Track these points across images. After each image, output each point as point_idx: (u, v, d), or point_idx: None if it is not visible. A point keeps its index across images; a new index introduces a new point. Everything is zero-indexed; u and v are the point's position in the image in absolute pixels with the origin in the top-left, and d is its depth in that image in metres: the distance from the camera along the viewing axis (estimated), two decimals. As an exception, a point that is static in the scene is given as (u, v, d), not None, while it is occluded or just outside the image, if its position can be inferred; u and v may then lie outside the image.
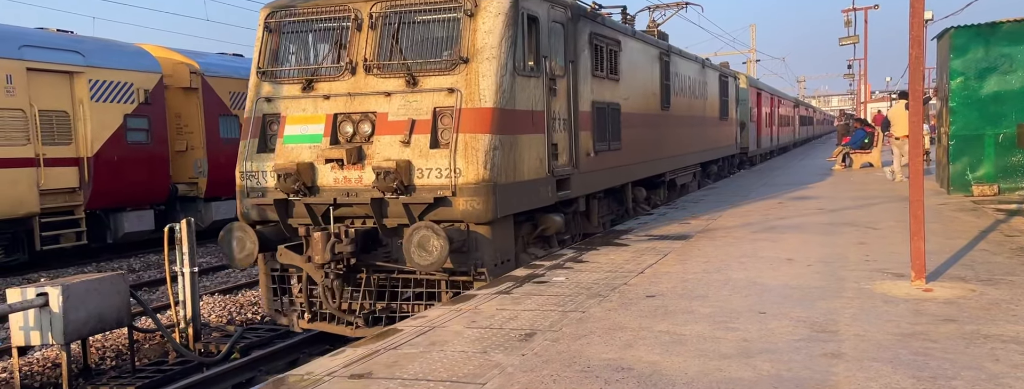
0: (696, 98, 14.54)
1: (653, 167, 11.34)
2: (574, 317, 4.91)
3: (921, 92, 5.85)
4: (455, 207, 6.24)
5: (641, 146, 10.52)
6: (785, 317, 4.69)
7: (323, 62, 6.94)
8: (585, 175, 8.18)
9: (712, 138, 16.20)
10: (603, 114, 8.77)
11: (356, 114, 6.59)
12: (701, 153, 15.14)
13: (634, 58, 10.24)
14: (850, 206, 10.73)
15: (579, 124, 7.94)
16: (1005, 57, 11.03)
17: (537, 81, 7.02)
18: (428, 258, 5.93)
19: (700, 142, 14.88)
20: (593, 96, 8.43)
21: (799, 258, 6.72)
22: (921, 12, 5.42)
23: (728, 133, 18.23)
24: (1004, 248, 6.79)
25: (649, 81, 11.05)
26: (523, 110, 6.74)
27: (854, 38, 35.19)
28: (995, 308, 4.72)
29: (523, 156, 6.72)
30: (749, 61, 49.73)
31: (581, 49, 8.10)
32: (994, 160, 11.26)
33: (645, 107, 10.76)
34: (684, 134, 13.35)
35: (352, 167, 6.49)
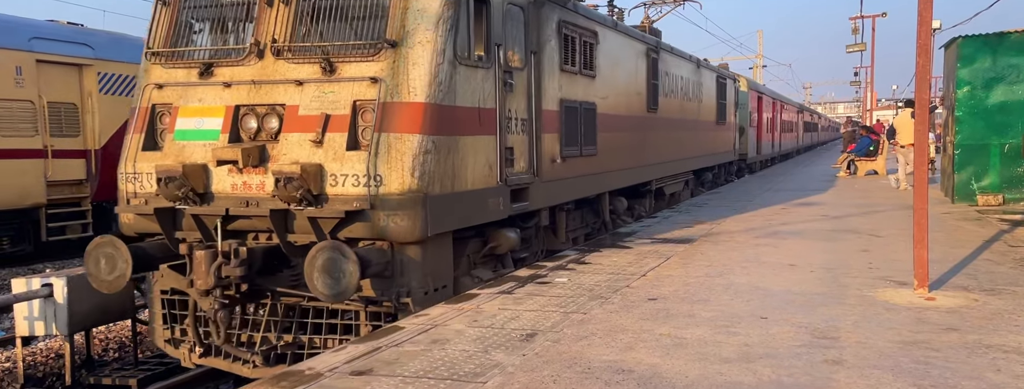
0: (689, 100, 13.49)
1: (636, 175, 10.32)
2: (576, 318, 4.92)
3: (927, 101, 5.86)
4: (374, 223, 5.19)
5: (622, 151, 9.54)
6: (787, 323, 4.69)
7: (225, 43, 5.86)
8: (549, 184, 7.18)
9: (707, 143, 15.13)
10: (574, 114, 7.77)
11: (262, 106, 5.53)
12: (694, 160, 14.06)
13: (615, 53, 9.22)
14: (854, 213, 10.72)
15: (543, 125, 6.95)
16: (1012, 67, 11.02)
17: (487, 73, 6.00)
18: (334, 287, 4.85)
19: (693, 148, 13.82)
20: (561, 93, 7.43)
21: (802, 264, 6.73)
22: (929, 21, 5.43)
23: (725, 138, 17.13)
24: (1008, 258, 6.79)
25: (633, 79, 10.02)
26: (467, 107, 5.72)
27: (861, 45, 35.16)
28: (998, 318, 4.72)
29: (466, 162, 5.72)
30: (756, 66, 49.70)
31: (547, 38, 7.10)
32: (999, 170, 11.24)
33: (628, 108, 9.79)
34: (674, 139, 12.32)
35: (253, 171, 5.42)
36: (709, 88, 15.23)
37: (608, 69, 8.95)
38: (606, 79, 8.87)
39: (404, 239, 5.26)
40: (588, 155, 8.19)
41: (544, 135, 7.03)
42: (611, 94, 9.04)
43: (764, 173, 21.96)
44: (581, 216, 9.00)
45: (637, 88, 10.22)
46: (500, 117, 6.20)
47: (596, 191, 8.81)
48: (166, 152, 5.67)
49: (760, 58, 50.19)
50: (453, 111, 5.58)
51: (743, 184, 17.67)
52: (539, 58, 6.93)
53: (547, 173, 7.11)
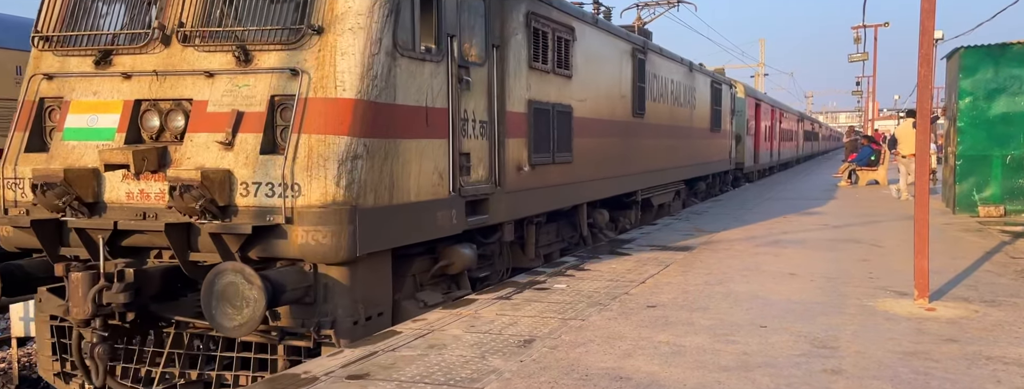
0: (680, 105, 12.67)
1: (620, 184, 9.55)
2: (574, 325, 4.90)
3: (929, 111, 5.85)
4: (291, 240, 4.45)
5: (603, 159, 8.78)
6: (786, 331, 4.67)
7: (126, 27, 5.06)
8: (514, 195, 6.46)
9: (700, 152, 14.33)
10: (545, 117, 7.06)
11: (166, 101, 4.80)
12: (685, 168, 13.21)
13: (595, 51, 8.45)
14: (854, 223, 10.70)
15: (507, 129, 6.26)
16: (1015, 78, 11.02)
17: (437, 68, 5.27)
18: (233, 318, 4.17)
19: (685, 156, 13.03)
20: (530, 94, 6.72)
21: (802, 273, 6.70)
22: (931, 31, 5.42)
23: (720, 147, 16.29)
24: (1009, 270, 6.76)
25: (616, 82, 9.28)
26: (410, 105, 4.99)
27: (863, 55, 35.22)
28: (998, 329, 4.69)
29: (408, 169, 4.99)
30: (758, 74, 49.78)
31: (512, 32, 6.39)
32: (1001, 181, 11.22)
33: (610, 112, 9.06)
34: (663, 146, 11.52)
35: (153, 177, 4.67)
36: (703, 93, 14.50)
37: (587, 69, 8.21)
38: (584, 80, 8.13)
39: (327, 259, 4.52)
40: (562, 162, 7.48)
41: (509, 140, 6.30)
42: (590, 97, 8.33)
43: (764, 182, 21.90)
44: (556, 229, 8.26)
45: (621, 91, 9.48)
46: (453, 118, 5.44)
47: (572, 202, 8.04)
48: (53, 154, 4.92)
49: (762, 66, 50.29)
50: (392, 110, 4.82)
51: (743, 193, 17.64)
52: (503, 53, 6.18)
53: (512, 182, 6.39)
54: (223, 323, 4.20)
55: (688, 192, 14.77)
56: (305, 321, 4.64)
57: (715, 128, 15.58)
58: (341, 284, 4.67)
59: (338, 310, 4.67)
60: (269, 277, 4.25)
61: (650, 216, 11.77)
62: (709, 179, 16.46)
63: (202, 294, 4.22)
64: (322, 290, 4.66)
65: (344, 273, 4.66)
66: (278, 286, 4.30)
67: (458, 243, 5.85)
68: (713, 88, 15.37)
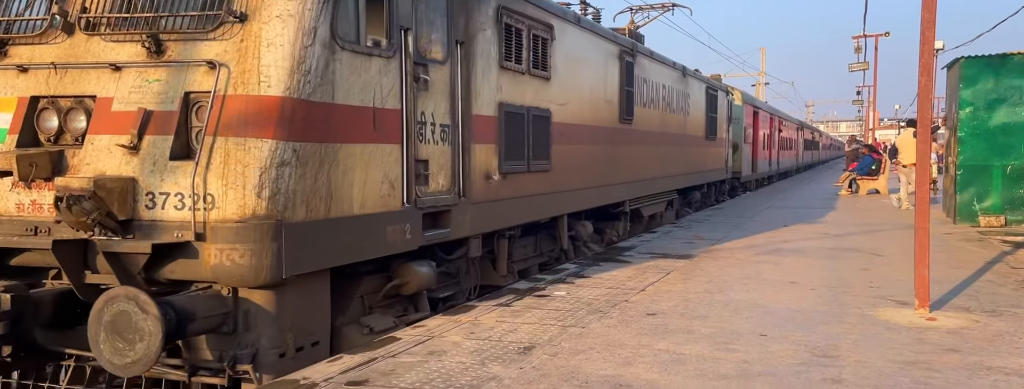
0: (673, 112, 12.10)
1: (605, 194, 9.01)
2: (574, 332, 4.89)
3: (929, 120, 5.86)
4: (203, 260, 3.88)
5: (586, 167, 8.24)
6: (786, 340, 4.66)
7: (23, 13, 4.54)
8: (483, 206, 5.92)
9: (694, 160, 13.79)
10: (520, 122, 6.56)
11: (66, 98, 4.24)
12: (679, 178, 12.64)
13: (577, 52, 7.93)
14: (855, 232, 10.69)
15: (473, 134, 5.74)
16: (1015, 89, 11.04)
17: (387, 64, 4.70)
18: (125, 354, 3.56)
19: (678, 164, 12.44)
20: (501, 96, 6.20)
21: (802, 281, 6.70)
22: (931, 41, 5.44)
23: (716, 155, 15.70)
24: (1010, 280, 6.75)
25: (602, 85, 8.75)
26: (353, 106, 4.41)
27: (864, 64, 35.31)
28: (999, 340, 4.68)
29: (350, 177, 4.40)
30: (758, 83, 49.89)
31: (479, 27, 5.85)
32: (1002, 191, 11.22)
33: (594, 117, 8.51)
34: (654, 154, 10.98)
35: (47, 185, 4.08)
36: (697, 99, 13.98)
37: (568, 71, 7.67)
38: (565, 82, 7.61)
39: (245, 282, 3.91)
40: (539, 171, 6.99)
41: (475, 146, 5.77)
42: (572, 100, 7.79)
43: (764, 191, 21.87)
44: (534, 243, 7.77)
45: (607, 95, 8.93)
46: (408, 121, 4.86)
47: (550, 214, 7.48)
48: None
49: (763, 75, 50.41)
50: (329, 110, 4.25)
51: (743, 201, 17.64)
52: (469, 51, 5.65)
53: (480, 193, 5.86)
54: (112, 360, 3.58)
55: (681, 202, 14.24)
56: (221, 353, 4.04)
57: (710, 136, 15.01)
58: (265, 310, 4.04)
59: (261, 340, 4.06)
60: (173, 304, 3.70)
61: (640, 227, 11.19)
62: (704, 189, 15.90)
63: (89, 325, 3.62)
64: (242, 317, 4.04)
65: (269, 298, 4.05)
66: (184, 314, 3.72)
67: (414, 260, 5.25)
68: (708, 94, 14.80)
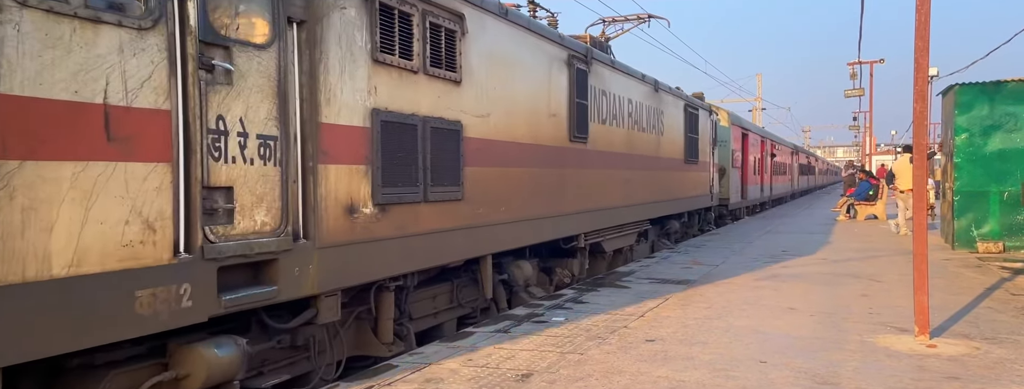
0: (643, 130, 10.67)
1: (551, 227, 7.43)
2: (572, 359, 4.85)
3: (925, 146, 5.89)
4: None
5: (521, 195, 6.73)
6: (786, 367, 4.62)
7: None
8: (342, 250, 4.36)
9: (671, 186, 12.27)
10: (408, 136, 5.02)
11: None
12: (651, 206, 11.09)
13: (504, 53, 6.49)
14: (854, 257, 10.67)
15: (324, 150, 4.23)
16: (1010, 116, 11.13)
17: (140, 39, 3.24)
18: None
19: (650, 190, 10.96)
20: (377, 100, 4.69)
21: (801, 307, 6.67)
22: (925, 68, 5.50)
23: (698, 180, 14.28)
24: (1009, 306, 6.73)
25: (543, 95, 7.26)
26: (47, 100, 2.90)
27: (859, 91, 35.60)
28: (999, 367, 4.65)
29: (47, 216, 2.88)
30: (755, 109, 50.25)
31: (335, 3, 4.39)
32: (999, 217, 11.24)
33: (531, 134, 7.02)
34: (617, 179, 9.49)
35: None
36: (674, 118, 12.53)
37: (491, 75, 6.22)
38: (486, 89, 6.12)
39: None
40: (444, 200, 5.44)
41: (329, 167, 4.25)
42: (497, 112, 6.30)
43: (759, 217, 21.83)
44: (450, 292, 6.26)
45: (551, 108, 7.44)
46: (189, 129, 3.43)
47: (464, 255, 5.92)
48: None
49: (759, 100, 50.79)
50: None
51: (742, 226, 17.64)
52: (315, 34, 4.21)
53: (336, 232, 4.30)
54: None
55: (658, 233, 12.82)
56: None
57: (691, 159, 13.59)
58: None
59: None
60: None
61: (602, 264, 9.56)
62: (684, 218, 14.29)
63: None
64: None
65: None
66: None
67: (207, 339, 3.75)
68: (687, 113, 13.39)
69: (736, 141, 19.28)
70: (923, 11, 5.40)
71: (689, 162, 13.44)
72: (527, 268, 7.44)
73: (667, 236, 13.35)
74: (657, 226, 12.60)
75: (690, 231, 15.01)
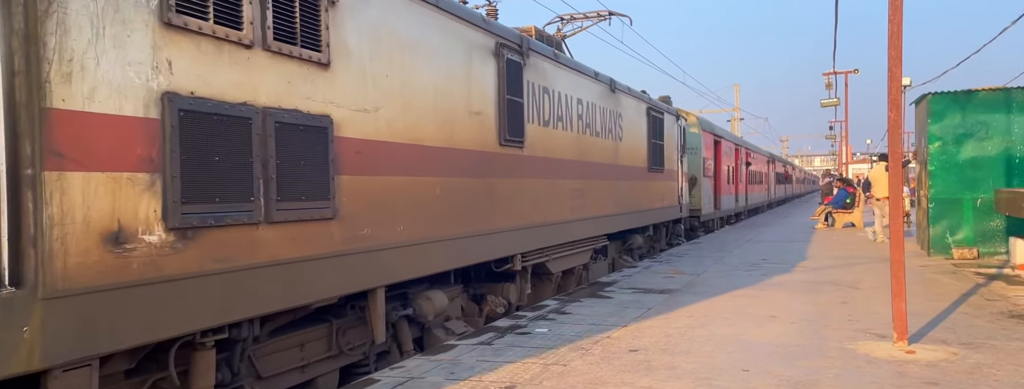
0: (595, 135, 9.45)
1: (474, 249, 6.13)
2: (556, 370, 4.83)
3: (900, 154, 5.99)
4: None
5: (431, 209, 5.45)
6: (768, 375, 4.64)
7: None
8: (101, 298, 3.04)
9: (633, 197, 11.10)
10: (235, 133, 3.69)
11: None
12: (609, 219, 9.94)
13: (402, 33, 5.21)
14: (832, 265, 10.78)
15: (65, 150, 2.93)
16: (981, 124, 11.35)
17: None
18: None
19: (607, 202, 9.84)
20: (172, 82, 3.39)
21: (782, 315, 6.71)
22: (899, 78, 5.60)
23: (664, 190, 13.15)
24: (985, 312, 6.83)
25: (461, 89, 6.01)
26: None
27: (835, 101, 36.15)
28: (977, 372, 4.70)
29: None
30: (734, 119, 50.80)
31: None
32: (973, 224, 11.43)
33: (445, 136, 5.71)
34: (564, 190, 8.26)
35: None
36: (635, 123, 11.36)
37: (379, 58, 4.92)
38: (371, 76, 4.83)
39: None
40: (304, 220, 4.13)
41: (74, 176, 2.95)
42: (391, 106, 5.01)
43: (736, 228, 22.02)
44: (327, 338, 4.94)
45: (474, 105, 6.18)
46: None
47: (338, 291, 4.48)
48: None
49: (738, 111, 51.37)
50: None
51: (720, 236, 17.76)
52: None
53: (86, 271, 2.97)
54: None
55: (620, 249, 11.79)
56: None
57: (656, 167, 12.47)
58: None
59: None
60: None
61: (548, 287, 8.47)
62: (649, 231, 13.04)
63: None
64: None
65: None
66: None
67: None
68: (651, 117, 12.25)
69: (708, 148, 18.27)
70: (895, 22, 5.50)
71: (654, 170, 12.36)
72: (439, 300, 5.93)
73: (630, 252, 12.24)
74: (618, 241, 11.56)
75: (657, 245, 13.91)
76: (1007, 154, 11.15)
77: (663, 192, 13.10)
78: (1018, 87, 11.33)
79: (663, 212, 13.20)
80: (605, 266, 10.79)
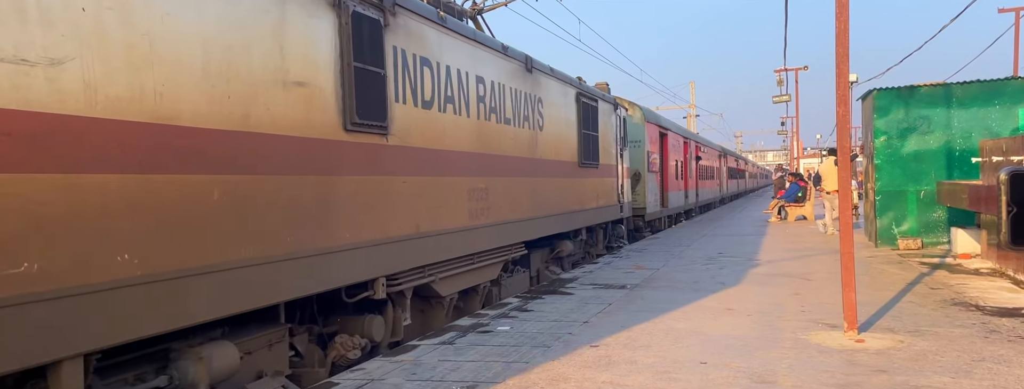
0: (504, 123, 7.78)
1: (296, 278, 4.39)
2: (517, 368, 4.85)
3: (848, 148, 6.17)
4: None
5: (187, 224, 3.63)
6: (725, 367, 4.74)
7: None
8: None
9: (561, 196, 9.57)
10: None
11: None
12: (526, 224, 8.31)
13: None
14: (786, 258, 11.06)
15: None
16: (924, 118, 11.77)
17: None
18: None
19: (523, 204, 8.20)
20: None
21: (738, 308, 6.85)
22: (846, 73, 5.77)
23: (600, 188, 11.56)
24: (929, 300, 7.09)
25: (271, 48, 4.31)
26: None
27: (786, 97, 37.03)
28: (923, 359, 4.88)
29: None
30: (690, 115, 51.60)
31: None
32: (917, 215, 11.86)
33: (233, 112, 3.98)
34: (462, 190, 6.69)
35: None
36: (560, 110, 9.74)
37: None
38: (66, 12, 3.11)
39: None
40: None
41: None
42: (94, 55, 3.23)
43: (698, 220, 22.43)
44: None
45: (288, 71, 4.43)
46: None
47: None
48: None
49: (693, 108, 52.20)
50: None
51: (680, 230, 18.06)
52: None
53: None
54: None
55: (547, 257, 10.14)
56: None
57: (589, 162, 10.84)
58: None
59: None
60: None
61: (441, 315, 6.83)
62: (582, 235, 11.25)
63: None
64: None
65: None
66: None
67: None
68: (582, 104, 10.58)
69: (653, 142, 16.85)
70: (842, 20, 5.66)
71: (586, 166, 10.75)
72: (224, 358, 4.05)
73: (559, 261, 10.54)
74: (545, 249, 9.94)
75: (594, 250, 12.27)
76: (948, 147, 11.59)
77: (599, 190, 11.57)
78: (957, 82, 11.78)
79: (599, 213, 11.61)
80: (523, 280, 9.00)
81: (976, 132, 11.31)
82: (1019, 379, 4.31)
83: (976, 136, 11.19)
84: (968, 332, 5.59)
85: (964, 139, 11.43)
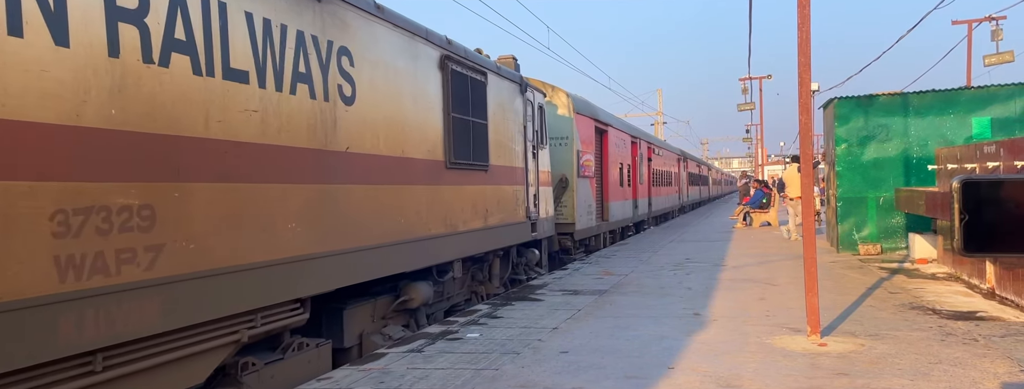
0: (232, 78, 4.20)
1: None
2: (487, 375, 4.84)
3: (811, 156, 6.31)
4: None
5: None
6: (692, 371, 4.80)
7: None
8: None
9: (404, 216, 6.23)
10: None
11: None
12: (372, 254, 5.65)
13: None
14: (751, 263, 11.24)
15: None
16: (882, 127, 12.10)
17: None
18: None
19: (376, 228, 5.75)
20: None
21: (705, 313, 6.94)
22: (808, 83, 5.90)
23: (491, 199, 8.38)
24: (888, 304, 7.27)
25: None
26: None
27: (751, 105, 37.72)
28: (883, 362, 5.00)
29: None
30: (657, 123, 52.22)
31: None
32: (876, 221, 12.16)
33: None
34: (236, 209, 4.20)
35: None
36: (403, 76, 6.41)
37: None
38: None
39: None
40: None
41: None
42: None
43: (665, 227, 22.60)
44: None
45: None
46: None
47: None
48: None
49: (660, 115, 52.84)
50: None
51: (648, 236, 18.23)
52: None
53: None
54: None
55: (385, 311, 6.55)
56: None
57: (468, 161, 7.71)
58: None
59: None
60: None
61: None
62: (453, 272, 7.72)
63: None
64: None
65: None
66: None
67: None
68: (452, 74, 7.35)
69: (587, 140, 13.61)
70: (804, 29, 5.80)
71: (460, 167, 7.52)
72: None
73: (412, 314, 7.04)
74: (380, 299, 6.50)
75: (482, 289, 8.94)
76: (905, 155, 11.92)
77: (490, 202, 8.34)
78: (914, 92, 12.14)
79: (490, 236, 8.37)
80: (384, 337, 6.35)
81: (932, 140, 11.65)
82: (974, 381, 4.44)
83: (932, 144, 11.53)
84: (925, 335, 5.75)
85: (921, 147, 11.77)
